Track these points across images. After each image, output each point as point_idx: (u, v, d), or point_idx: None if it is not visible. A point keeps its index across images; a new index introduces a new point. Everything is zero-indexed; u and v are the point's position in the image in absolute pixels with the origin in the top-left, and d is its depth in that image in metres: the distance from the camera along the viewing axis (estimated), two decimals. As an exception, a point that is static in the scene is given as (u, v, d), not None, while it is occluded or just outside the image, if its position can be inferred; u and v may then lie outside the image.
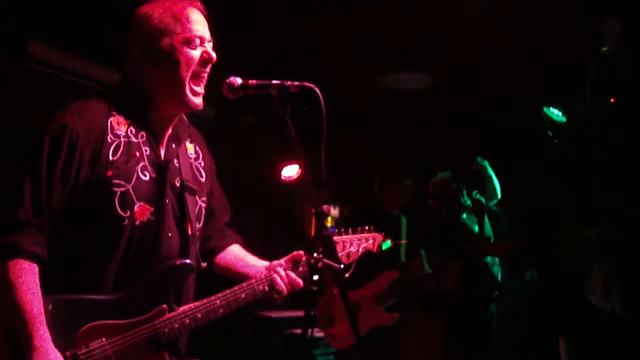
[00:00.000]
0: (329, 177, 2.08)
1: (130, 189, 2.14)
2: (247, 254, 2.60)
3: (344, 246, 2.55)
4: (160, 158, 2.26)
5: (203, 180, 2.44)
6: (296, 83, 2.16)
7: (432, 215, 5.70)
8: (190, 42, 2.21)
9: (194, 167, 2.42)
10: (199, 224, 2.38)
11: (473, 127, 7.26)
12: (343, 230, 2.61)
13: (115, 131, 2.16)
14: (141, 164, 2.19)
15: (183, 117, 2.40)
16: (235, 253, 2.61)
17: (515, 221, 7.34)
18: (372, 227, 2.68)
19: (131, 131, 2.20)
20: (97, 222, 2.12)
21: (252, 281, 2.33)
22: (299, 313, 2.22)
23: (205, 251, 2.52)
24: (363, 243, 2.63)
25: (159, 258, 2.21)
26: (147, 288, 2.17)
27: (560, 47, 5.72)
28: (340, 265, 2.03)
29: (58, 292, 2.05)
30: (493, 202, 5.70)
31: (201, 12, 2.30)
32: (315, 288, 2.04)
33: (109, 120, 2.16)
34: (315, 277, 2.01)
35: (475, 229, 5.54)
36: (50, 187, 2.04)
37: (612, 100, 6.32)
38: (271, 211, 7.40)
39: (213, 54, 2.27)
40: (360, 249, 2.62)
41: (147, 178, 2.20)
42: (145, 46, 2.22)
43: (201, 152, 2.49)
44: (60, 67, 5.15)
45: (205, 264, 2.38)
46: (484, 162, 5.76)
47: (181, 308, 2.21)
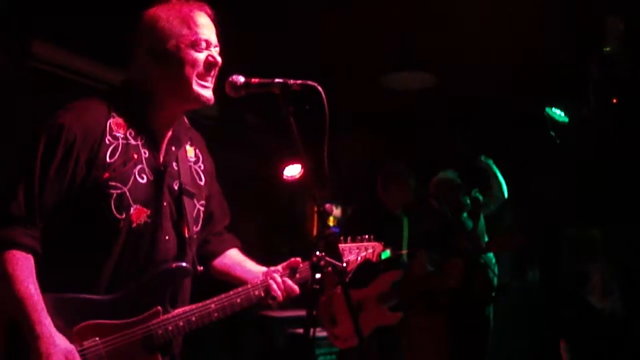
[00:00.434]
0: (331, 177, 2.08)
1: (127, 192, 2.14)
2: (245, 259, 2.60)
3: (343, 254, 2.54)
4: (158, 161, 2.27)
5: (202, 183, 2.45)
6: (299, 81, 2.16)
7: (433, 214, 5.70)
8: (196, 44, 2.21)
9: (193, 170, 2.42)
10: (196, 227, 2.38)
11: (475, 127, 7.26)
12: (342, 238, 2.61)
13: (114, 133, 2.17)
14: (139, 166, 2.19)
15: (184, 119, 2.40)
16: (233, 257, 2.61)
17: (518, 221, 7.35)
18: (372, 237, 2.69)
19: (130, 133, 2.20)
20: (93, 223, 2.13)
21: (248, 286, 2.33)
22: (301, 312, 2.22)
23: (204, 255, 2.53)
24: (362, 252, 2.63)
25: (155, 260, 2.21)
26: (142, 289, 2.18)
27: (563, 47, 5.72)
28: (342, 264, 2.03)
29: (54, 290, 2.06)
30: (498, 202, 5.70)
31: (209, 16, 2.30)
32: (318, 286, 2.04)
33: (108, 122, 2.17)
34: (318, 276, 2.00)
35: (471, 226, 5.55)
36: (44, 185, 2.05)
37: (614, 100, 6.30)
38: (273, 210, 7.41)
39: (218, 58, 2.27)
40: (359, 258, 2.62)
41: (145, 181, 2.20)
42: (151, 47, 2.22)
43: (201, 156, 2.49)
44: (63, 67, 5.16)
45: (202, 268, 2.39)
46: (489, 160, 5.76)
47: (176, 310, 2.22)
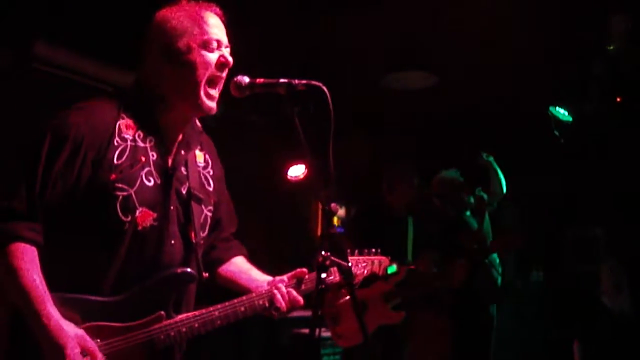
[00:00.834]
0: (335, 177, 2.07)
1: (133, 194, 2.13)
2: (251, 267, 2.59)
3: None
4: (167, 164, 2.25)
5: (211, 189, 2.43)
6: (304, 82, 2.16)
7: (437, 214, 5.69)
8: (207, 44, 2.21)
9: (202, 175, 2.41)
10: (203, 232, 2.37)
11: (478, 126, 7.25)
12: (349, 251, 2.59)
13: (123, 135, 2.15)
14: (146, 169, 2.18)
15: (196, 123, 2.40)
16: (239, 265, 2.59)
17: (520, 220, 7.35)
18: (379, 250, 2.69)
19: (139, 135, 2.19)
20: (99, 224, 2.12)
21: (252, 295, 2.33)
22: (306, 312, 2.22)
23: (210, 261, 2.52)
24: (369, 266, 2.64)
25: (160, 264, 2.20)
26: (146, 293, 2.17)
27: (567, 46, 5.71)
28: (348, 264, 2.02)
29: (57, 290, 2.05)
30: (497, 198, 5.69)
31: (219, 17, 2.30)
32: (324, 286, 2.03)
33: (118, 123, 2.16)
34: (324, 275, 2.00)
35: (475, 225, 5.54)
36: (47, 182, 2.04)
37: (618, 99, 6.29)
38: (276, 211, 7.40)
39: (230, 59, 2.26)
40: (366, 272, 2.63)
41: (152, 184, 2.19)
42: (162, 47, 2.22)
43: (211, 161, 2.48)
44: (65, 68, 5.16)
45: (208, 274, 2.37)
46: (490, 157, 5.76)
47: (179, 316, 2.21)
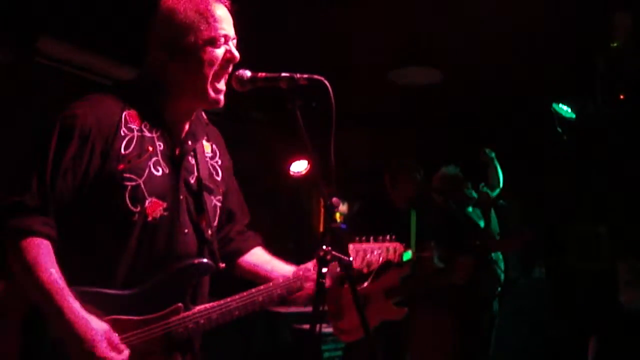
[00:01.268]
0: (337, 172, 2.08)
1: (142, 184, 2.11)
2: (273, 258, 2.56)
3: (365, 254, 2.51)
4: (174, 153, 2.23)
5: (219, 179, 2.41)
6: (305, 76, 2.15)
7: (438, 209, 5.70)
8: (214, 41, 2.18)
9: (210, 165, 2.39)
10: (214, 222, 2.34)
11: (482, 123, 7.25)
12: (364, 238, 2.58)
13: (129, 125, 2.14)
14: (154, 158, 2.16)
15: (202, 114, 2.39)
16: (260, 256, 2.57)
17: (524, 217, 7.34)
18: (394, 237, 2.65)
19: (145, 126, 2.17)
20: (108, 216, 2.09)
21: (279, 281, 2.33)
22: (307, 308, 2.22)
23: (228, 253, 2.50)
24: (384, 252, 2.58)
25: (174, 255, 2.18)
26: (163, 285, 2.13)
27: (570, 43, 5.70)
28: (349, 258, 2.02)
29: (71, 284, 2.01)
30: (496, 192, 5.71)
31: (226, 7, 2.26)
32: (324, 281, 2.03)
33: (123, 113, 2.14)
34: (324, 270, 1.99)
35: (481, 223, 5.55)
36: (57, 175, 2.02)
37: (621, 96, 6.29)
38: (279, 206, 7.41)
39: (236, 54, 2.23)
40: (381, 259, 2.57)
41: (160, 173, 2.16)
42: (168, 41, 2.18)
43: (218, 151, 2.46)
44: (69, 63, 5.17)
45: (224, 265, 2.34)
46: (492, 153, 5.77)
47: (197, 307, 2.19)
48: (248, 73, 2.21)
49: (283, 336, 6.27)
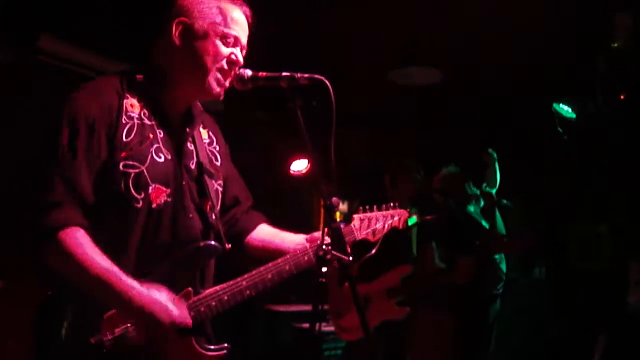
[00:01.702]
0: (337, 171, 2.08)
1: (145, 170, 2.13)
2: (280, 231, 2.57)
3: (370, 223, 2.54)
4: (174, 140, 2.26)
5: (218, 164, 2.44)
6: (306, 75, 2.16)
7: (440, 208, 5.70)
8: (225, 37, 2.22)
9: (208, 151, 2.41)
10: (217, 206, 2.37)
11: (482, 123, 7.25)
12: (368, 207, 2.60)
13: (129, 113, 2.15)
14: (155, 145, 2.18)
15: (197, 103, 2.40)
16: (268, 231, 2.58)
17: (525, 217, 7.34)
18: (397, 204, 2.67)
19: (144, 113, 2.19)
20: (113, 203, 2.10)
21: (296, 253, 2.33)
22: (307, 307, 2.23)
23: (235, 234, 2.51)
24: (389, 220, 2.61)
25: (180, 240, 2.19)
26: (171, 271, 2.14)
27: (571, 44, 5.70)
28: (349, 258, 2.02)
29: None
30: (494, 190, 5.73)
31: (246, 17, 2.31)
32: (324, 280, 2.03)
33: (123, 102, 2.15)
34: (324, 269, 2.00)
35: (483, 222, 5.54)
36: (78, 168, 2.04)
37: (622, 96, 6.29)
38: (279, 205, 7.40)
39: (240, 59, 2.26)
40: (386, 226, 2.60)
41: (162, 160, 2.18)
42: (181, 26, 2.22)
43: (215, 138, 2.49)
44: (70, 61, 5.17)
45: (230, 245, 2.34)
46: (494, 154, 5.78)
47: (207, 291, 2.20)
48: (249, 72, 2.24)
49: (283, 335, 6.28)
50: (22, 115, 4.72)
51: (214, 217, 2.31)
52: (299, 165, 7.12)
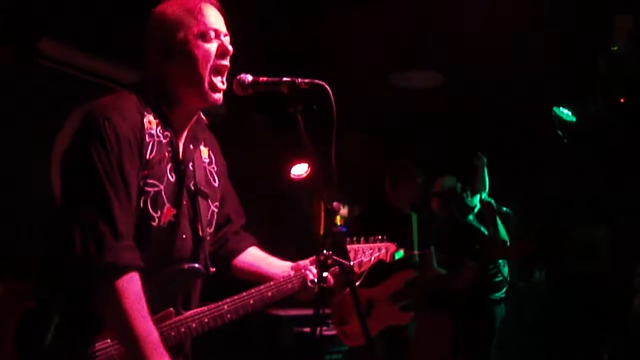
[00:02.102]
0: (338, 175, 2.08)
1: (162, 190, 2.14)
2: (268, 255, 2.59)
3: (356, 255, 2.54)
4: (179, 159, 2.24)
5: (216, 185, 2.43)
6: (307, 80, 2.16)
7: (441, 215, 5.72)
8: (204, 35, 2.19)
9: (207, 171, 2.41)
10: (210, 228, 2.36)
11: (483, 126, 7.25)
12: (355, 238, 2.60)
13: (149, 130, 2.13)
14: (169, 164, 2.18)
15: (202, 117, 2.39)
16: (256, 255, 2.59)
17: (524, 221, 7.34)
18: (385, 237, 2.68)
19: (160, 130, 2.18)
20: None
21: (279, 280, 2.35)
22: (308, 311, 2.24)
23: (224, 254, 2.52)
24: (375, 252, 2.63)
25: (171, 258, 2.20)
26: (155, 291, 2.13)
27: (571, 46, 5.70)
28: (350, 263, 2.02)
29: None
30: (485, 194, 5.75)
31: (215, 7, 2.28)
32: (324, 285, 2.03)
33: (144, 119, 2.13)
34: (325, 274, 1.99)
35: (482, 229, 5.56)
36: (130, 193, 2.02)
37: (622, 99, 6.29)
38: (280, 209, 7.41)
39: (229, 47, 2.24)
40: (373, 258, 2.62)
41: (173, 180, 2.19)
42: (160, 43, 2.20)
43: (214, 157, 2.47)
44: (70, 64, 5.17)
45: (214, 269, 2.35)
46: (484, 159, 5.80)
47: (188, 312, 2.20)
48: (249, 77, 2.22)
49: (284, 339, 6.27)
50: (22, 118, 4.72)
51: (203, 238, 2.31)
52: (300, 169, 7.11)
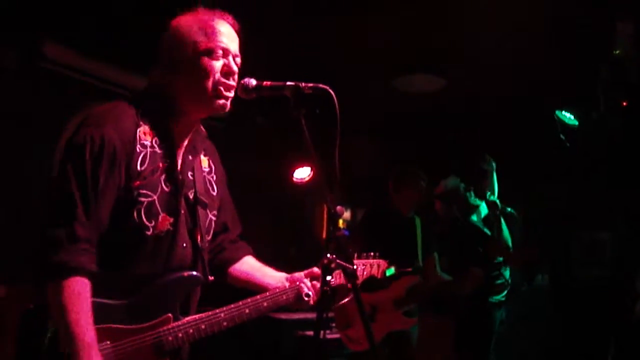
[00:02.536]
0: (341, 179, 2.09)
1: (156, 200, 2.17)
2: (263, 265, 2.64)
3: None
4: (177, 170, 2.28)
5: (214, 194, 2.47)
6: (310, 85, 2.18)
7: (443, 217, 5.71)
8: (212, 52, 2.23)
9: (207, 180, 2.45)
10: (208, 237, 2.41)
11: (485, 129, 7.25)
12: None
13: (142, 141, 2.18)
14: (164, 174, 2.22)
15: (201, 128, 2.42)
16: (251, 264, 2.64)
17: (527, 224, 7.34)
18: (378, 254, 2.71)
19: (155, 141, 2.22)
20: (123, 230, 2.14)
21: (275, 291, 2.40)
22: (310, 315, 2.26)
23: (220, 262, 2.58)
24: (368, 268, 2.68)
25: (171, 266, 2.24)
26: (155, 296, 2.21)
27: (573, 50, 5.71)
28: (353, 266, 2.03)
29: None
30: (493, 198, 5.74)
31: (231, 26, 2.32)
32: (327, 289, 2.05)
33: (138, 130, 2.18)
34: (329, 278, 2.01)
35: (486, 230, 5.55)
36: (98, 201, 2.06)
37: (624, 103, 6.29)
38: (282, 212, 7.41)
39: (234, 67, 2.27)
40: (365, 274, 2.67)
41: (169, 189, 2.22)
42: (169, 55, 2.26)
43: (214, 166, 2.52)
44: (74, 68, 5.18)
45: (213, 277, 2.41)
46: (492, 163, 5.79)
47: (186, 318, 2.24)
48: (253, 82, 2.25)
49: (286, 343, 6.27)
50: (26, 121, 4.73)
51: (202, 246, 2.35)
52: (302, 173, 7.12)
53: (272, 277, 2.54)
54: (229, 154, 2.64)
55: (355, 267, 2.07)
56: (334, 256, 2.02)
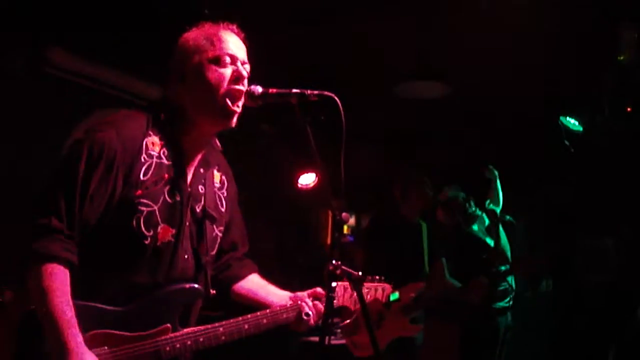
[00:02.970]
0: (346, 185, 2.09)
1: (157, 210, 2.18)
2: (267, 284, 2.65)
3: (353, 292, 2.55)
4: (186, 182, 2.29)
5: (223, 210, 2.48)
6: (316, 92, 2.18)
7: (445, 224, 5.72)
8: (219, 60, 2.24)
9: (217, 195, 2.45)
10: (212, 251, 2.42)
11: (488, 136, 7.25)
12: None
13: (149, 151, 2.19)
14: (168, 186, 2.22)
15: (216, 142, 2.44)
16: (256, 282, 2.65)
17: (530, 231, 7.33)
18: (382, 277, 2.70)
19: (164, 152, 2.23)
20: (122, 238, 2.15)
21: (276, 309, 2.41)
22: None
23: (225, 278, 2.58)
24: (372, 291, 2.68)
25: (172, 277, 2.25)
26: (155, 305, 2.21)
27: (577, 56, 5.71)
28: (359, 273, 2.03)
29: (74, 298, 2.06)
30: (498, 208, 5.74)
31: (237, 35, 2.34)
32: (333, 295, 2.04)
33: (145, 140, 2.19)
34: (334, 284, 2.01)
35: (487, 240, 5.55)
36: (84, 200, 2.07)
37: (628, 109, 6.29)
38: (287, 219, 7.40)
39: (244, 72, 2.28)
40: (369, 297, 2.67)
41: (172, 201, 2.23)
42: (178, 66, 2.28)
43: (226, 182, 2.52)
44: (79, 73, 5.19)
45: (215, 292, 2.42)
46: (495, 172, 5.79)
47: (185, 329, 2.25)
48: (259, 89, 2.26)
49: (291, 348, 6.26)
50: (30, 126, 4.74)
51: (205, 260, 2.36)
52: (307, 179, 7.12)
53: (276, 295, 2.55)
54: (234, 160, 2.64)
55: (360, 273, 2.07)
56: (339, 262, 2.02)
